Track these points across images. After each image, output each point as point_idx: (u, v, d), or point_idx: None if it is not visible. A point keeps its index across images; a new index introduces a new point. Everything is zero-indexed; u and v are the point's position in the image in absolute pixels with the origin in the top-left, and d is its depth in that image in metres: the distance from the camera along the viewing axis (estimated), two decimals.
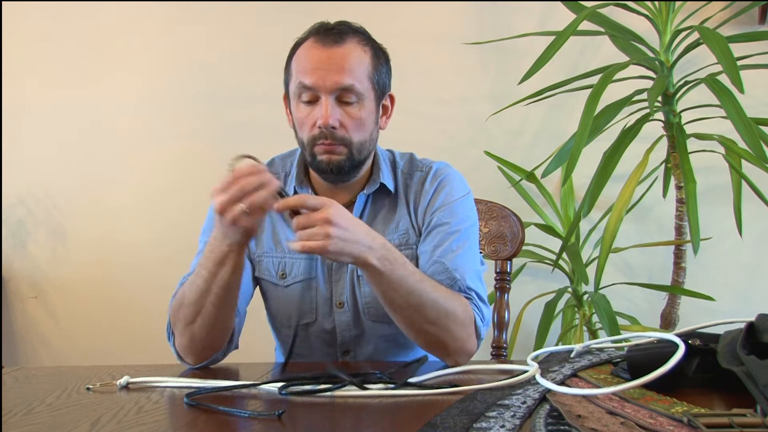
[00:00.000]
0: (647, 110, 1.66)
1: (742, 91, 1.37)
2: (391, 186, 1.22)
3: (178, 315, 1.07)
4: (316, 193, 1.22)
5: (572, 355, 0.99)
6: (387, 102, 1.23)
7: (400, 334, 1.12)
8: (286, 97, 1.22)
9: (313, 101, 1.13)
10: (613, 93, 1.62)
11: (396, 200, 1.23)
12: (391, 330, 1.15)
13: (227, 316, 1.07)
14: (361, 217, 1.21)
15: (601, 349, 1.02)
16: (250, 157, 0.98)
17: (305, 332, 1.22)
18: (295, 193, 1.22)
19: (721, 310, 1.84)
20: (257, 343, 1.84)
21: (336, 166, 1.14)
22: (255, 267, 1.23)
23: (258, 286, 1.26)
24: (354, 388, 0.85)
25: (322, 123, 1.11)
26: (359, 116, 1.14)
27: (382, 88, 1.19)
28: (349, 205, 1.21)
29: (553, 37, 1.64)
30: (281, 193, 0.95)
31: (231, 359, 1.19)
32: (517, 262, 1.83)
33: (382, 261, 0.99)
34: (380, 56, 1.20)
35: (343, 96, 1.12)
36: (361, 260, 0.97)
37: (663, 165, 1.85)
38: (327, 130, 1.11)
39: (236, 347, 1.17)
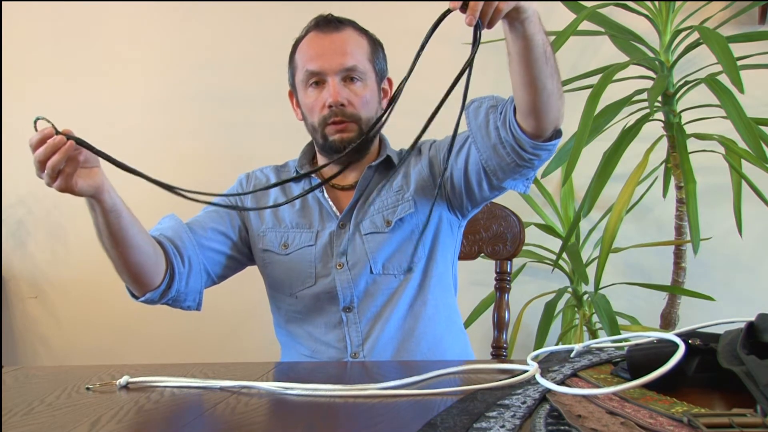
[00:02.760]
0: (647, 110, 1.66)
1: (742, 91, 1.37)
2: (396, 160, 1.32)
3: None
4: (321, 179, 1.31)
5: (572, 355, 0.99)
6: (386, 86, 1.33)
7: (399, 289, 1.23)
8: (292, 93, 1.32)
9: (321, 84, 1.23)
10: (613, 93, 1.62)
11: (395, 172, 1.32)
12: (392, 283, 1.24)
13: (129, 255, 1.12)
14: (366, 187, 1.29)
15: (601, 349, 1.02)
16: (42, 119, 0.99)
17: (307, 296, 1.27)
18: (297, 173, 1.32)
19: (721, 310, 1.84)
20: (257, 343, 1.84)
21: (348, 143, 1.23)
22: (259, 241, 1.31)
23: (258, 266, 1.34)
24: (353, 388, 0.85)
25: (332, 101, 1.21)
26: (364, 94, 1.24)
27: (380, 73, 1.30)
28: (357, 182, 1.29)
29: (553, 37, 1.64)
30: (80, 142, 0.97)
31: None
32: (517, 262, 1.83)
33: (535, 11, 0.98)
34: (376, 43, 1.31)
35: (347, 76, 1.23)
36: (529, 9, 0.95)
37: (663, 165, 1.85)
38: (337, 107, 1.21)
39: (196, 305, 1.25)
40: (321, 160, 1.33)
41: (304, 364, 1.24)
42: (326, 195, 1.30)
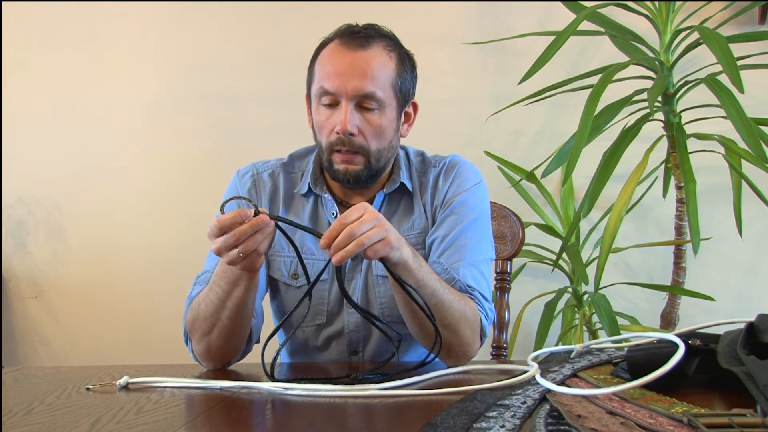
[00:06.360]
0: (647, 110, 1.66)
1: (742, 91, 1.37)
2: (409, 185, 1.23)
3: (194, 325, 1.07)
4: (332, 194, 1.22)
5: (572, 355, 0.99)
6: (410, 109, 1.22)
7: (408, 336, 1.11)
8: (308, 97, 1.21)
9: (334, 105, 1.13)
10: (613, 93, 1.62)
11: (412, 199, 1.23)
12: (402, 332, 1.14)
13: (243, 326, 1.07)
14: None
15: (601, 349, 1.02)
16: (240, 198, 1.00)
17: (316, 333, 1.21)
18: (309, 191, 1.23)
19: (721, 310, 1.84)
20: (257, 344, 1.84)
21: (353, 176, 1.15)
22: (269, 265, 1.22)
23: (269, 285, 1.25)
24: (353, 388, 0.85)
25: (341, 129, 1.11)
26: (379, 124, 1.13)
27: (405, 96, 1.18)
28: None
29: (553, 37, 1.64)
30: (279, 226, 0.95)
31: None
32: (517, 262, 1.83)
33: (414, 257, 1.00)
34: (406, 63, 1.18)
35: (363, 102, 1.12)
36: (404, 255, 0.98)
37: (663, 165, 1.85)
38: (345, 136, 1.11)
39: (258, 341, 1.17)
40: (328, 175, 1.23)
41: (304, 364, 1.23)
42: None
